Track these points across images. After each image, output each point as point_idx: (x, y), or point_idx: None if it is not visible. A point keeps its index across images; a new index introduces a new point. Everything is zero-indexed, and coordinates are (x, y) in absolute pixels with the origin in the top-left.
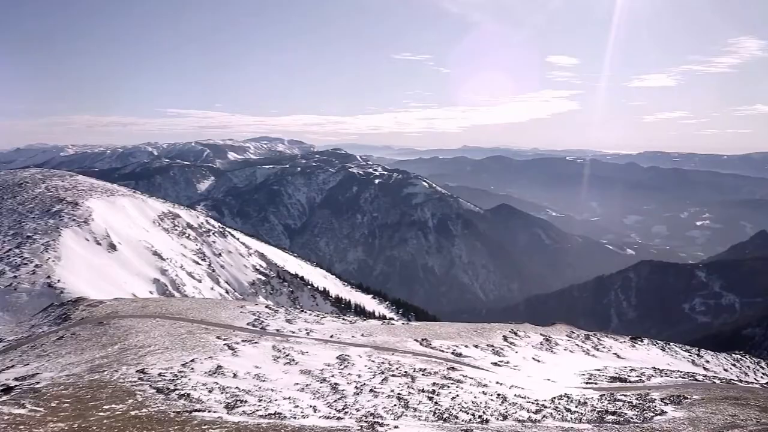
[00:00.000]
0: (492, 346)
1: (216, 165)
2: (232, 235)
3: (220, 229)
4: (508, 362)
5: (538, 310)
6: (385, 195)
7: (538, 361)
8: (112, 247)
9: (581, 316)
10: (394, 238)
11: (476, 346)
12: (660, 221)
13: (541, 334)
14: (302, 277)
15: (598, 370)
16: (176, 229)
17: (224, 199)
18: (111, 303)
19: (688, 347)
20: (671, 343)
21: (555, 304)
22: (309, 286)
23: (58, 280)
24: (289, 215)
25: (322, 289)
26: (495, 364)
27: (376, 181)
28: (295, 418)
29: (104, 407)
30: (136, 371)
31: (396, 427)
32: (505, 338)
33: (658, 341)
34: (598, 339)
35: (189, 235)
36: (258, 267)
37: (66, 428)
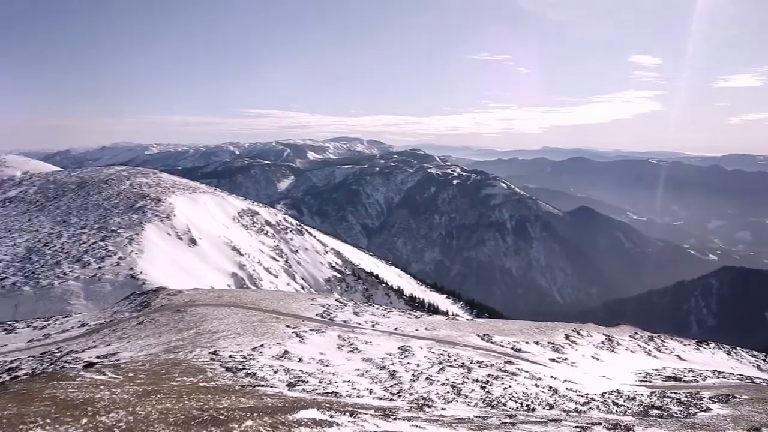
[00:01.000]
0: (552, 343)
1: (296, 164)
2: (309, 232)
3: (298, 227)
4: (566, 359)
5: (616, 314)
6: (463, 196)
7: (597, 359)
8: (193, 241)
9: (660, 322)
10: (472, 239)
11: (536, 343)
12: (744, 226)
13: (603, 334)
14: (377, 275)
15: (656, 370)
16: (255, 226)
17: (303, 198)
18: (189, 292)
19: (755, 352)
20: (738, 348)
21: (633, 309)
22: (383, 284)
23: (141, 272)
24: (367, 215)
25: (397, 288)
26: (553, 360)
27: (455, 181)
28: (350, 397)
29: (176, 379)
30: (209, 353)
31: (443, 409)
32: (566, 337)
33: (725, 345)
34: (661, 341)
35: (267, 232)
36: (334, 264)
37: (140, 390)
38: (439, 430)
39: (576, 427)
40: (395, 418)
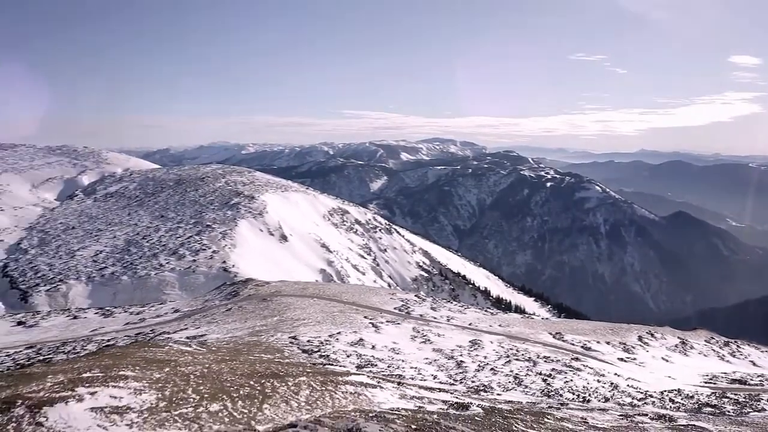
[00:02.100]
0: (624, 344)
1: (389, 165)
2: (397, 232)
3: (387, 226)
4: (635, 359)
5: (710, 323)
6: (556, 198)
7: (667, 361)
8: (284, 238)
9: (756, 333)
10: (564, 243)
11: (608, 343)
12: None
13: (678, 338)
14: (464, 276)
15: (725, 373)
16: (344, 224)
17: (396, 199)
18: (276, 284)
19: None
20: None
21: (729, 319)
22: (470, 285)
23: (233, 265)
24: (458, 216)
25: (484, 289)
26: (621, 359)
27: (548, 184)
28: (413, 379)
29: (254, 354)
30: (289, 337)
31: (499, 394)
32: (640, 338)
33: None
34: (737, 346)
35: (356, 230)
36: (421, 264)
37: (219, 358)
38: (480, 404)
39: (621, 415)
40: (440, 391)
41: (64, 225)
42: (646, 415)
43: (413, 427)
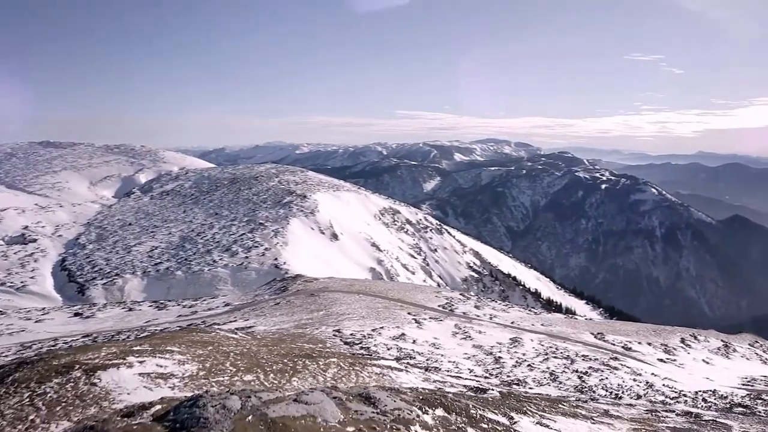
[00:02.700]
0: (665, 345)
1: (442, 166)
2: (448, 232)
3: (437, 226)
4: (674, 360)
5: (766, 329)
6: (611, 201)
7: (708, 363)
8: (335, 236)
9: None
10: (619, 246)
11: (649, 344)
12: None
13: (721, 341)
14: (515, 277)
15: (765, 376)
16: (395, 224)
17: (449, 199)
18: (324, 280)
19: None
20: None
21: None
22: (521, 287)
23: (284, 263)
24: (512, 217)
25: (534, 290)
26: (661, 360)
27: (603, 186)
28: (448, 372)
29: (297, 344)
30: (333, 330)
31: (531, 388)
32: (682, 340)
33: None
34: None
35: (407, 230)
36: (472, 264)
37: (261, 344)
38: (501, 390)
39: (647, 410)
40: (467, 380)
41: (121, 221)
42: (673, 411)
43: (420, 397)
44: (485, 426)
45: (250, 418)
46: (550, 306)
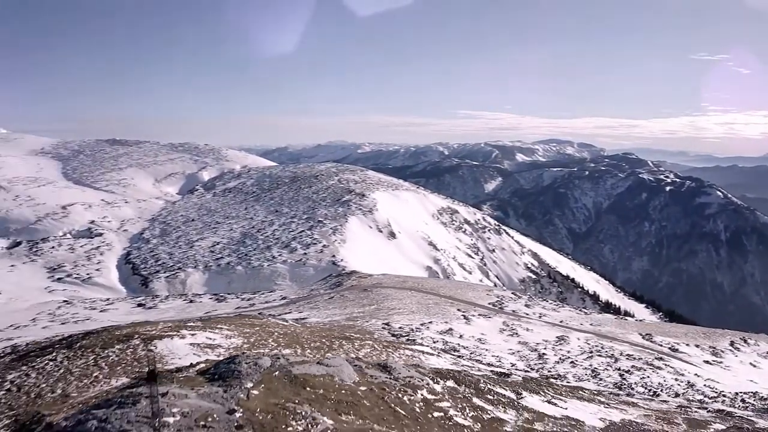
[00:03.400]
0: (714, 348)
1: (504, 166)
2: (506, 232)
3: (496, 227)
4: (721, 362)
5: None
6: (675, 203)
7: (755, 366)
8: (392, 235)
9: None
10: (683, 250)
11: (697, 346)
12: None
13: None
14: (573, 279)
15: None
16: (453, 224)
17: (510, 200)
18: (377, 276)
19: None
20: None
21: None
22: (579, 289)
23: (341, 260)
24: (573, 219)
25: (593, 293)
26: (707, 362)
27: (667, 188)
28: (490, 364)
29: (345, 334)
30: (382, 323)
31: (569, 383)
32: (732, 343)
33: None
34: None
35: (465, 230)
36: (530, 265)
37: (308, 331)
38: (525, 375)
39: (678, 406)
40: (498, 367)
41: (185, 217)
42: (706, 408)
43: (435, 371)
44: (491, 397)
45: (276, 373)
46: (609, 309)
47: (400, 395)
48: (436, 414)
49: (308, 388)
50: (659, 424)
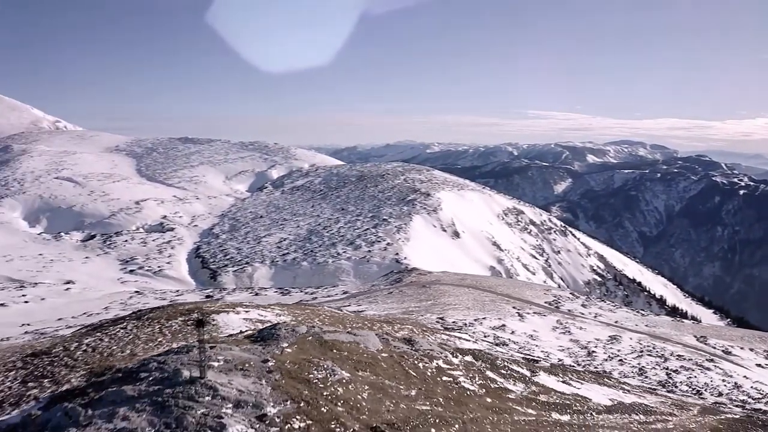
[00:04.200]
0: None
1: (574, 167)
2: (573, 234)
3: (562, 228)
4: None
5: None
6: (749, 207)
7: None
8: (456, 234)
9: None
10: (756, 256)
11: (751, 350)
12: None
13: None
14: (640, 282)
15: None
16: (518, 224)
17: (579, 202)
18: (437, 274)
19: None
20: None
21: None
22: (646, 293)
23: (405, 257)
24: (644, 222)
25: (659, 297)
26: (759, 365)
27: (741, 192)
28: (527, 355)
29: (389, 319)
30: (437, 317)
31: (614, 377)
32: None
33: None
34: None
35: (530, 230)
36: (595, 268)
37: (354, 315)
38: (554, 362)
39: (713, 403)
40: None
41: (253, 214)
42: (743, 406)
43: (458, 348)
44: (504, 372)
45: (309, 338)
46: (675, 314)
47: (416, 362)
48: (444, 378)
49: (334, 350)
50: (670, 409)
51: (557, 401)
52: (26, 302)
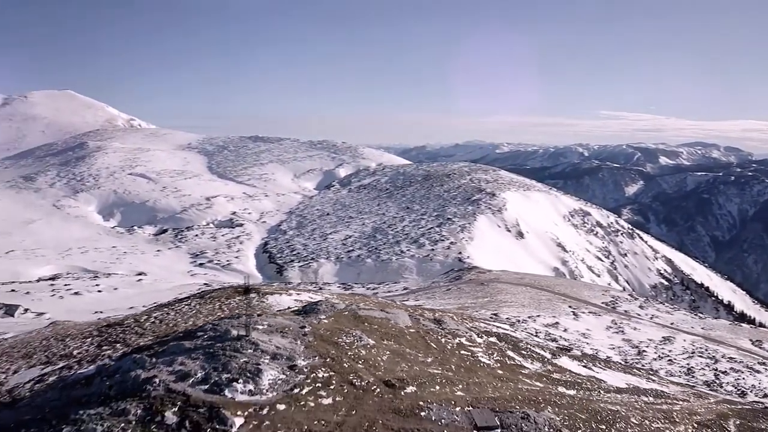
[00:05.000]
0: None
1: (646, 169)
2: (640, 237)
3: (629, 231)
4: None
5: None
6: None
7: None
8: (520, 234)
9: None
10: None
11: None
12: None
13: None
14: (707, 287)
15: None
16: (585, 226)
17: (651, 205)
18: (496, 272)
19: None
20: None
21: None
22: (713, 298)
23: (468, 257)
24: (717, 226)
25: (727, 303)
26: None
27: None
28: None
29: (432, 307)
30: (491, 314)
31: (659, 375)
32: None
33: None
34: None
35: (597, 232)
36: (662, 271)
37: (400, 303)
38: (589, 352)
39: (753, 401)
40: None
41: (320, 211)
42: None
43: (485, 330)
44: (525, 353)
45: (345, 312)
46: (743, 320)
47: (439, 338)
48: (463, 352)
49: (366, 324)
50: (686, 396)
51: (569, 379)
52: (99, 291)
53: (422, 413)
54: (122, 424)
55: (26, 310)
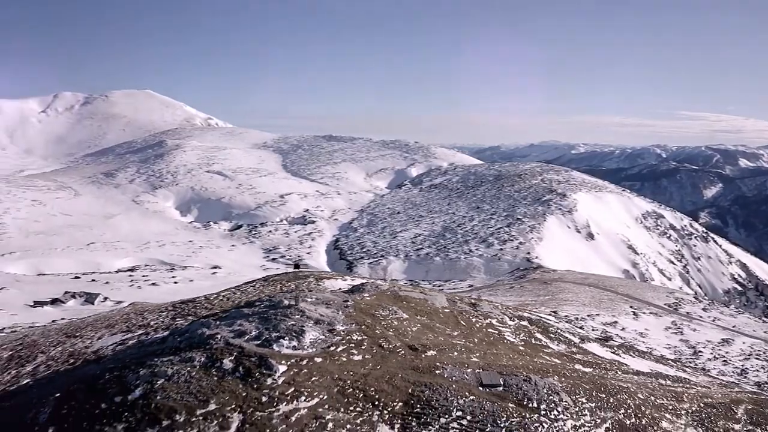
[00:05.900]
0: None
1: (725, 171)
2: (714, 241)
3: (703, 234)
4: None
5: None
6: None
7: None
8: (590, 236)
9: None
10: None
11: None
12: None
13: None
14: None
15: None
16: (657, 229)
17: (729, 208)
18: (561, 272)
19: None
20: None
21: None
22: None
23: (536, 257)
24: None
25: None
26: None
27: None
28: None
29: (489, 303)
30: (550, 311)
31: (710, 374)
32: None
33: None
34: None
35: (669, 235)
36: (736, 276)
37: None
38: (624, 343)
39: None
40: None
41: (391, 210)
42: None
43: (518, 315)
44: (552, 335)
45: (387, 292)
46: None
47: (470, 318)
48: (490, 330)
49: (404, 302)
50: (709, 384)
51: (589, 360)
52: (176, 283)
53: (437, 371)
54: (188, 368)
55: (105, 298)
